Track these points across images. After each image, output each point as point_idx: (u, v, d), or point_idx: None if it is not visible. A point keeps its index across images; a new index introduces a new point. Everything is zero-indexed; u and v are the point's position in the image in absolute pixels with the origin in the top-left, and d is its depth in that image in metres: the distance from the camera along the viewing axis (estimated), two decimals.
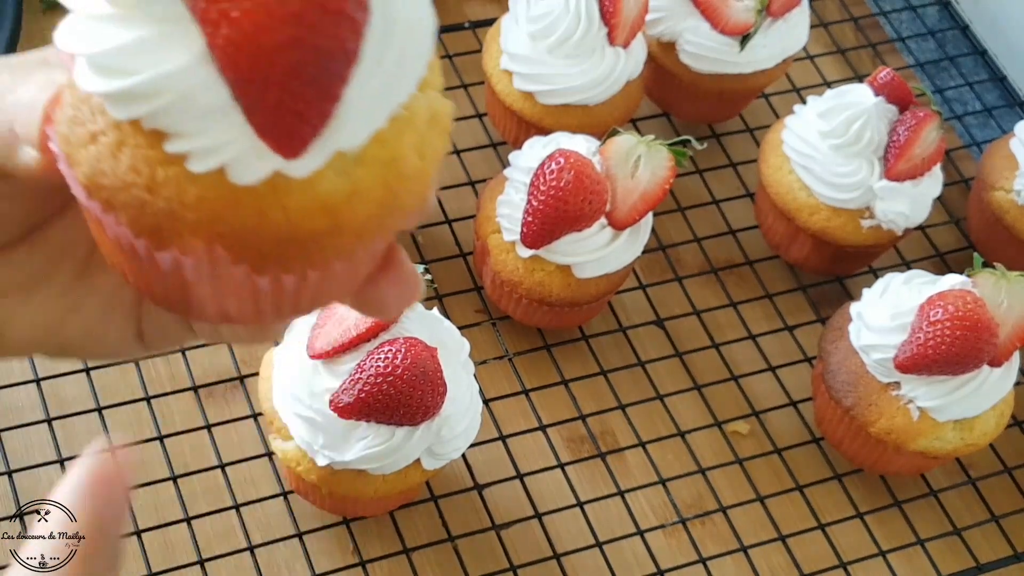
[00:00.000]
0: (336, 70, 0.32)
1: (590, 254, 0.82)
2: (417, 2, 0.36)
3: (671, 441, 0.87)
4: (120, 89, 0.34)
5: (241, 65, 0.32)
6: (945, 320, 0.77)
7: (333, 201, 0.35)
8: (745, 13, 0.93)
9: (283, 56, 0.31)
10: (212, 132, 0.34)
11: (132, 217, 0.36)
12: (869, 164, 0.89)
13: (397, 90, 0.35)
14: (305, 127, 0.33)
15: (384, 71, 0.34)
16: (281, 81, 0.32)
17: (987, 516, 0.88)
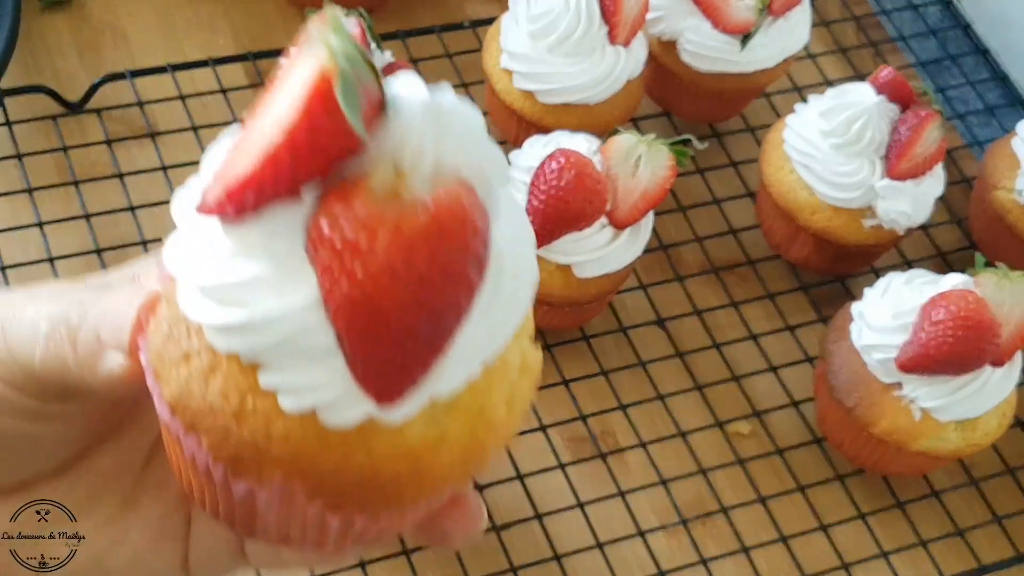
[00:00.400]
0: (447, 327, 0.33)
1: (590, 253, 0.82)
2: (526, 256, 0.36)
3: (672, 441, 0.87)
4: (228, 323, 0.34)
5: (356, 322, 0.32)
6: (947, 320, 0.77)
7: (419, 448, 0.35)
8: (746, 12, 0.93)
9: (400, 317, 0.31)
10: (310, 373, 0.34)
11: (215, 443, 0.36)
12: (870, 163, 0.89)
13: (497, 341, 0.36)
14: (406, 380, 0.33)
15: (488, 324, 0.35)
16: (394, 338, 0.32)
17: (990, 517, 0.88)
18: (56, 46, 0.96)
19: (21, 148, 0.90)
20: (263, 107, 0.33)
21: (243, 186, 0.33)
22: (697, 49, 0.95)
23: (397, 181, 0.32)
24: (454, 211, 0.32)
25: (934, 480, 0.89)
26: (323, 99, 0.31)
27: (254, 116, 0.34)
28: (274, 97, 0.33)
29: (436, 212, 0.31)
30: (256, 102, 0.34)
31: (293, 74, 0.33)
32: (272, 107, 0.33)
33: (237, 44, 0.99)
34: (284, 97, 0.32)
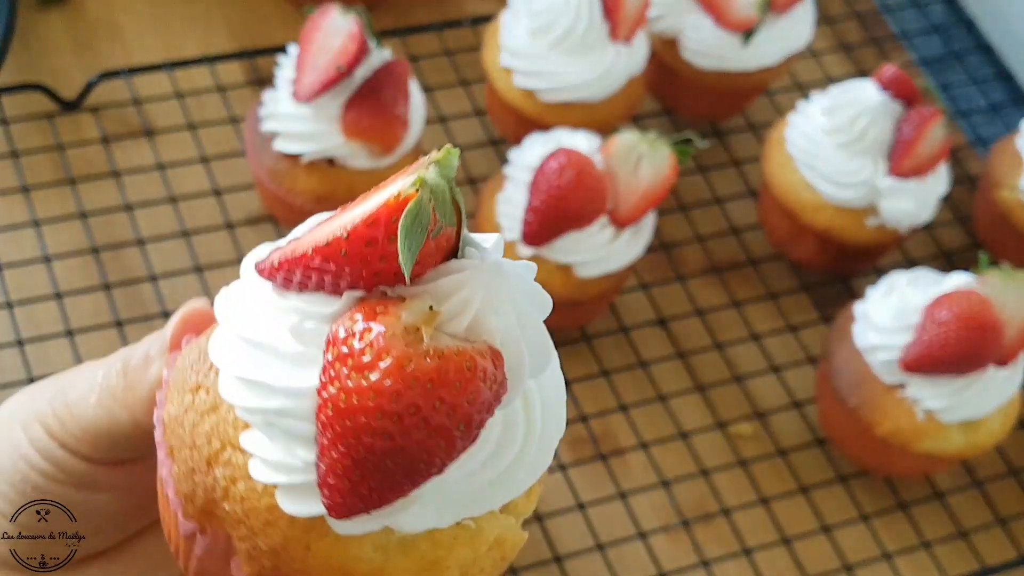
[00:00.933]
0: (412, 475, 0.34)
1: (591, 253, 0.82)
2: (545, 450, 0.37)
3: (673, 442, 0.86)
4: (236, 375, 0.36)
5: (331, 426, 0.33)
6: (951, 320, 0.77)
7: (355, 567, 0.36)
8: (748, 9, 0.92)
9: (370, 441, 0.33)
10: (286, 452, 0.35)
11: (181, 475, 0.37)
12: (874, 162, 0.88)
13: (478, 505, 0.37)
14: (358, 502, 0.34)
15: (474, 488, 0.36)
16: (360, 458, 0.33)
17: (993, 518, 0.87)
18: (52, 44, 0.96)
19: (17, 146, 0.90)
20: (363, 200, 0.35)
21: (293, 262, 0.34)
22: (699, 47, 0.94)
23: (426, 320, 0.33)
24: (464, 370, 0.33)
25: (937, 481, 0.88)
26: (388, 220, 0.33)
27: (351, 206, 0.35)
28: (371, 196, 0.34)
29: (444, 364, 0.32)
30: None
31: (389, 185, 0.34)
32: (361, 206, 0.34)
33: (234, 41, 0.99)
34: (372, 201, 0.34)
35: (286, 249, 0.35)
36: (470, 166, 0.96)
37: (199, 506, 0.37)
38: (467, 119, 0.99)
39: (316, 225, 0.35)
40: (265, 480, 0.35)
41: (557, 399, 0.39)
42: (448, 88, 0.99)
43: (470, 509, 0.37)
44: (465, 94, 1.00)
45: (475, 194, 0.94)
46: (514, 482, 0.37)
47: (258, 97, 0.86)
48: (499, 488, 0.37)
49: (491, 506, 0.37)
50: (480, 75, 0.95)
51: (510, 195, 0.82)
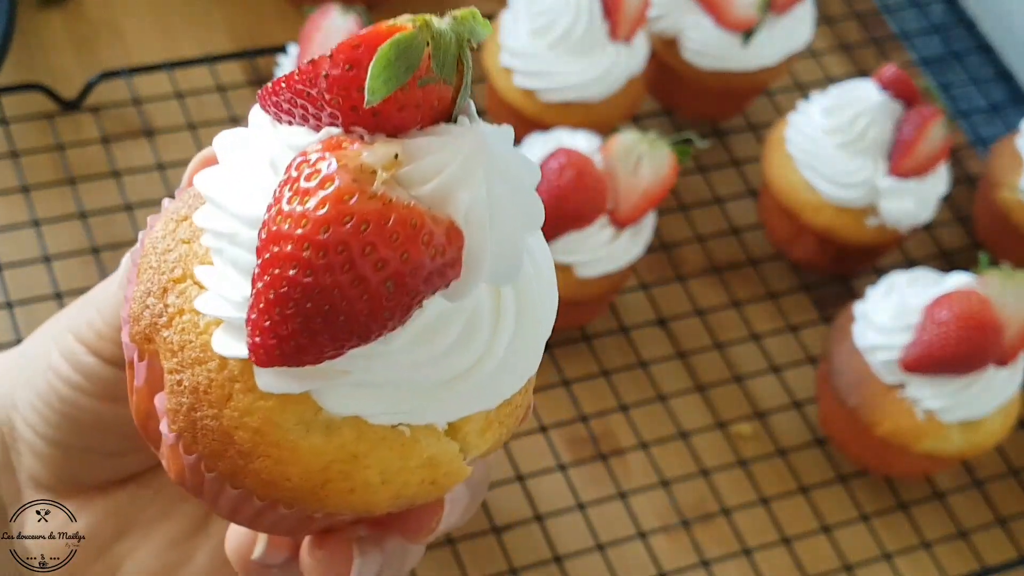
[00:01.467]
0: (332, 328, 0.31)
1: (591, 253, 0.82)
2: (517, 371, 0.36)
3: (673, 442, 0.86)
4: (209, 197, 0.35)
5: (263, 250, 0.31)
6: (951, 320, 0.77)
7: (270, 433, 0.34)
8: (748, 9, 0.92)
9: (292, 274, 0.31)
10: (227, 286, 0.34)
11: (133, 317, 0.36)
12: (874, 162, 0.88)
13: (417, 413, 0.34)
14: (276, 350, 0.32)
15: (416, 385, 0.33)
16: (280, 293, 0.31)
17: (993, 518, 0.87)
18: (52, 43, 0.96)
19: (17, 146, 0.90)
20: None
21: (282, 86, 0.33)
22: (699, 47, 0.94)
23: (386, 166, 0.31)
24: (407, 225, 0.30)
25: (937, 481, 0.88)
26: (373, 45, 0.30)
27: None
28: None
29: (386, 211, 0.30)
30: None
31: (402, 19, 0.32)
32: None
33: (234, 41, 0.99)
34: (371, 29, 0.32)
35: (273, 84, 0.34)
36: None
37: (143, 330, 0.35)
38: None
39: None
40: (204, 311, 0.34)
41: (536, 332, 0.37)
42: None
43: (408, 414, 0.34)
44: None
45: None
46: (463, 398, 0.35)
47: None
48: (443, 399, 0.34)
49: (432, 418, 0.35)
50: (480, 75, 0.95)
51: None
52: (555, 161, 0.79)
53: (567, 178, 0.78)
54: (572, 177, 0.78)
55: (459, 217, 0.32)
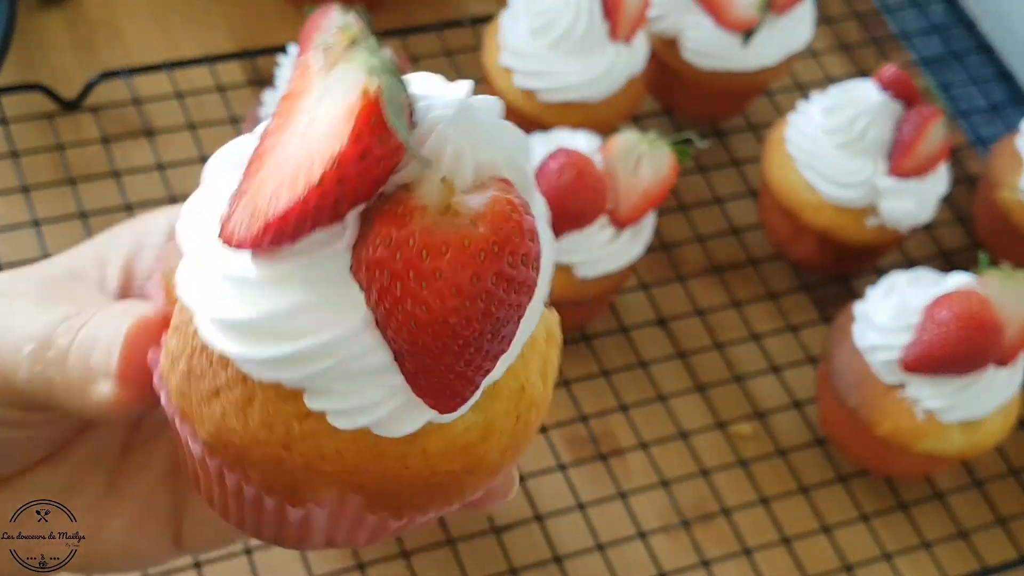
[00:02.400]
0: (511, 332, 0.33)
1: (591, 253, 0.82)
2: (548, 233, 0.36)
3: (673, 442, 0.86)
4: (275, 356, 0.33)
5: (422, 339, 0.31)
6: (951, 320, 0.77)
7: (470, 440, 0.35)
8: (748, 9, 0.92)
9: (467, 330, 0.31)
10: (363, 393, 0.33)
11: (265, 474, 0.35)
12: (874, 162, 0.88)
13: (533, 322, 0.36)
14: (469, 388, 0.33)
15: (531, 313, 0.34)
16: (459, 352, 0.32)
17: (993, 518, 0.87)
18: (52, 43, 0.96)
19: (17, 146, 0.90)
20: (288, 123, 0.32)
21: (284, 219, 0.31)
22: (699, 47, 0.94)
23: (446, 193, 0.31)
24: (508, 217, 0.31)
25: (938, 481, 0.88)
26: (372, 123, 0.31)
27: (279, 132, 0.32)
28: (304, 114, 0.32)
29: (493, 222, 0.31)
30: (276, 111, 0.33)
31: (326, 90, 0.31)
32: (306, 127, 0.32)
33: (234, 41, 0.99)
34: (322, 117, 0.31)
35: (260, 210, 0.32)
36: None
37: (304, 488, 0.35)
38: None
39: (259, 165, 0.32)
40: (355, 426, 0.34)
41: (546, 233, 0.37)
42: None
43: (528, 329, 0.36)
44: None
45: None
46: (545, 284, 0.37)
47: (258, 97, 0.86)
48: (539, 298, 0.36)
49: (538, 315, 0.37)
50: (480, 75, 0.95)
51: None
52: (555, 161, 0.79)
53: (567, 178, 0.78)
54: (572, 177, 0.78)
55: (499, 168, 0.34)
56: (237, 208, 0.32)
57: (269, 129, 0.33)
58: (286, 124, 0.32)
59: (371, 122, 0.31)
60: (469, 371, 0.32)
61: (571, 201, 0.79)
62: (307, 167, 0.31)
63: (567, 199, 0.78)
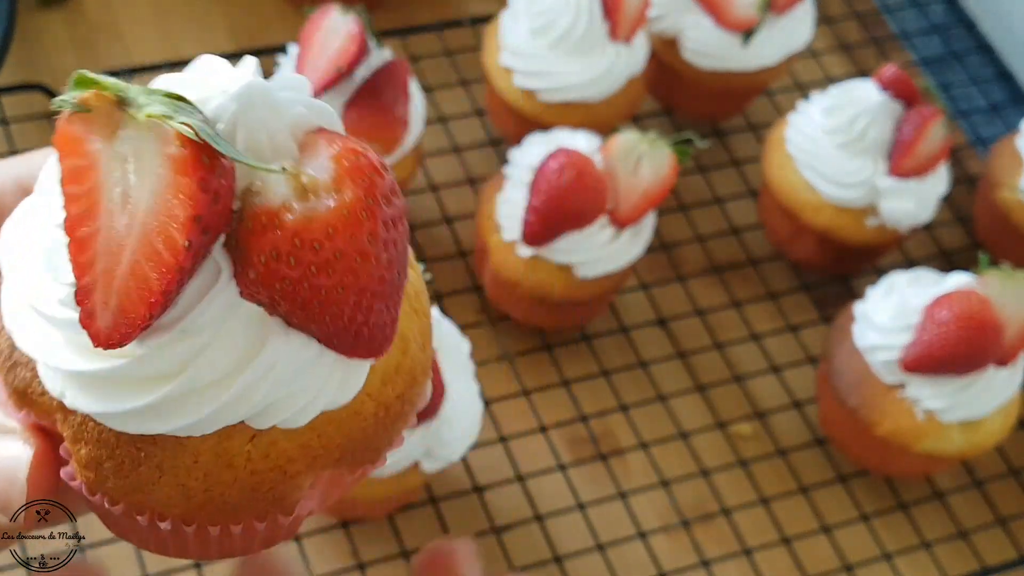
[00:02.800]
0: (404, 260, 0.34)
1: (591, 253, 0.82)
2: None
3: (673, 442, 0.86)
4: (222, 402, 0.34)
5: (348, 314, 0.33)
6: (951, 320, 0.76)
7: (395, 359, 0.37)
8: (748, 9, 0.92)
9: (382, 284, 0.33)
10: (308, 388, 0.35)
11: (249, 508, 0.36)
12: (874, 162, 0.88)
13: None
14: (393, 325, 0.34)
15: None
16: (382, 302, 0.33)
17: (993, 518, 0.87)
18: (52, 43, 0.96)
19: (17, 146, 0.90)
20: (95, 204, 0.31)
21: (165, 289, 0.31)
22: (699, 47, 0.94)
23: (293, 180, 0.32)
24: (358, 167, 0.32)
25: (938, 481, 0.88)
26: (205, 163, 0.31)
27: (91, 217, 0.31)
28: (111, 190, 0.31)
29: (351, 179, 0.32)
30: (67, 197, 0.31)
31: (126, 157, 0.31)
32: (124, 200, 0.31)
33: (234, 41, 0.99)
34: (141, 184, 0.30)
35: (117, 303, 0.31)
36: (470, 166, 0.96)
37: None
38: (467, 119, 0.98)
39: (82, 256, 0.32)
40: (306, 421, 0.36)
41: None
42: (448, 88, 0.99)
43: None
44: (465, 94, 0.99)
45: (475, 194, 0.94)
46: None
47: None
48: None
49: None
50: (480, 75, 0.95)
51: (510, 195, 0.82)
52: (555, 161, 0.79)
53: (567, 178, 0.78)
54: (572, 177, 0.78)
55: (310, 126, 0.34)
56: (95, 307, 0.31)
57: (73, 216, 0.31)
58: (94, 206, 0.31)
59: (204, 163, 0.31)
60: (391, 310, 0.34)
61: (571, 201, 0.79)
62: (158, 235, 0.30)
63: (567, 199, 0.78)
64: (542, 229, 0.80)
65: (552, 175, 0.79)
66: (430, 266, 0.89)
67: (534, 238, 0.80)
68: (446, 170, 0.95)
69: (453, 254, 0.91)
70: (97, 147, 0.31)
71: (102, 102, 0.32)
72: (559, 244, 0.81)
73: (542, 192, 0.79)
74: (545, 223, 0.80)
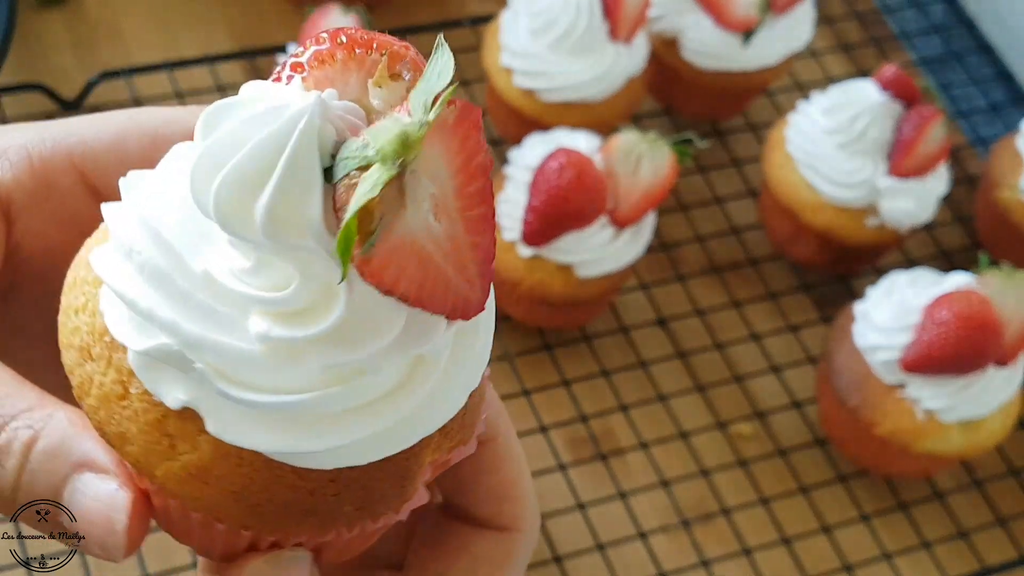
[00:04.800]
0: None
1: (591, 253, 0.82)
2: None
3: (673, 442, 0.86)
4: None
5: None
6: (951, 320, 0.76)
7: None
8: (748, 9, 0.92)
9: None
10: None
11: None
12: (874, 162, 0.88)
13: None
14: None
15: None
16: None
17: (993, 518, 0.87)
18: (52, 43, 0.96)
19: None
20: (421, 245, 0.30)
21: (494, 252, 0.32)
22: (699, 47, 0.94)
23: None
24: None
25: (938, 481, 0.88)
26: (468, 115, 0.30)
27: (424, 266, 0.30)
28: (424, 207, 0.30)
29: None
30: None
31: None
32: (436, 199, 0.30)
33: (234, 41, 0.99)
34: (437, 179, 0.30)
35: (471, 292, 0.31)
36: None
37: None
38: None
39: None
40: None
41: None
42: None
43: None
44: (465, 94, 0.99)
45: None
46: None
47: None
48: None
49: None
50: (480, 75, 0.95)
51: (510, 195, 0.82)
52: (555, 161, 0.79)
53: (567, 178, 0.78)
54: (572, 177, 0.78)
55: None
56: (468, 294, 0.32)
57: (406, 292, 0.31)
58: (417, 260, 0.31)
59: (471, 113, 0.31)
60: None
61: (571, 201, 0.79)
62: (468, 202, 0.31)
63: (567, 199, 0.78)
64: (542, 229, 0.80)
65: (552, 175, 0.79)
66: None
67: (534, 238, 0.80)
68: None
69: None
70: (402, 232, 0.30)
71: (377, 208, 0.30)
72: (559, 244, 0.81)
73: (542, 192, 0.79)
74: (545, 223, 0.80)
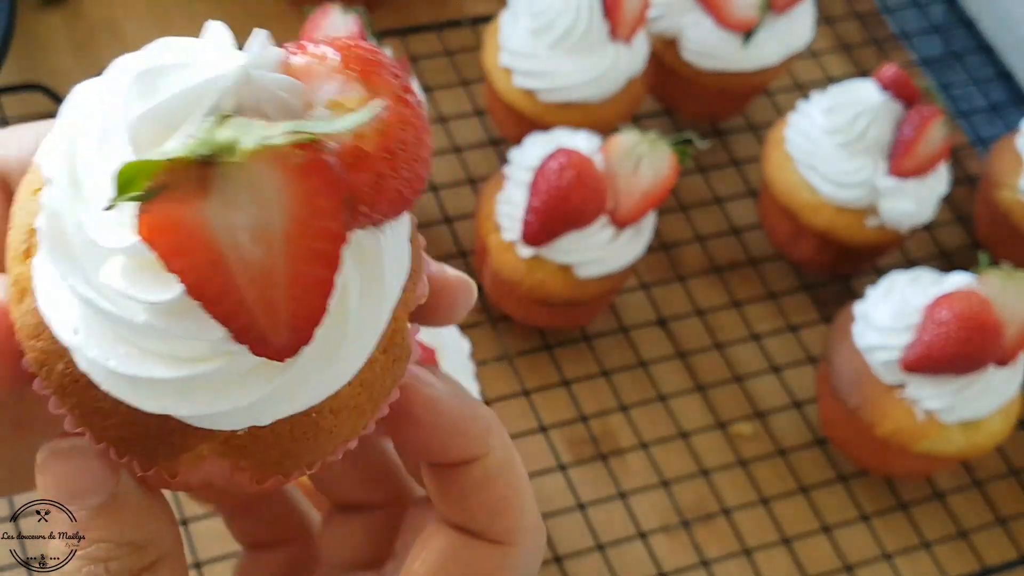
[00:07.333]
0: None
1: (591, 253, 0.82)
2: None
3: (673, 442, 0.86)
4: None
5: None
6: (951, 320, 0.76)
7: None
8: (748, 9, 0.92)
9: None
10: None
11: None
12: (874, 162, 0.88)
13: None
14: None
15: None
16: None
17: (993, 518, 0.87)
18: (51, 43, 0.96)
19: None
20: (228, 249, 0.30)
21: (329, 289, 0.30)
22: (699, 47, 0.94)
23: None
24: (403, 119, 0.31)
25: (938, 481, 0.88)
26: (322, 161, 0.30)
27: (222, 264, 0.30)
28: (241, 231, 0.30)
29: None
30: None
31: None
32: (259, 229, 0.30)
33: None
34: (270, 209, 0.29)
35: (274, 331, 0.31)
36: (470, 166, 0.96)
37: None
38: (467, 119, 0.98)
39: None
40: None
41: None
42: (448, 88, 0.99)
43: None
44: (465, 94, 0.99)
45: (475, 194, 0.94)
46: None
47: None
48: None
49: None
50: (480, 75, 0.95)
51: (510, 195, 0.82)
52: (555, 161, 0.79)
53: (567, 178, 0.78)
54: (572, 177, 0.78)
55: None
56: (264, 333, 0.31)
57: (194, 282, 0.30)
58: (215, 260, 0.30)
59: (323, 155, 0.30)
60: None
61: (571, 201, 0.79)
62: (310, 236, 0.30)
63: (567, 199, 0.78)
64: (542, 229, 0.80)
65: (552, 175, 0.79)
66: None
67: (534, 238, 0.80)
68: (446, 170, 0.95)
69: (453, 254, 0.91)
70: (195, 214, 0.29)
71: (179, 175, 0.29)
72: (559, 244, 0.81)
73: (542, 192, 0.79)
74: (545, 223, 0.80)
